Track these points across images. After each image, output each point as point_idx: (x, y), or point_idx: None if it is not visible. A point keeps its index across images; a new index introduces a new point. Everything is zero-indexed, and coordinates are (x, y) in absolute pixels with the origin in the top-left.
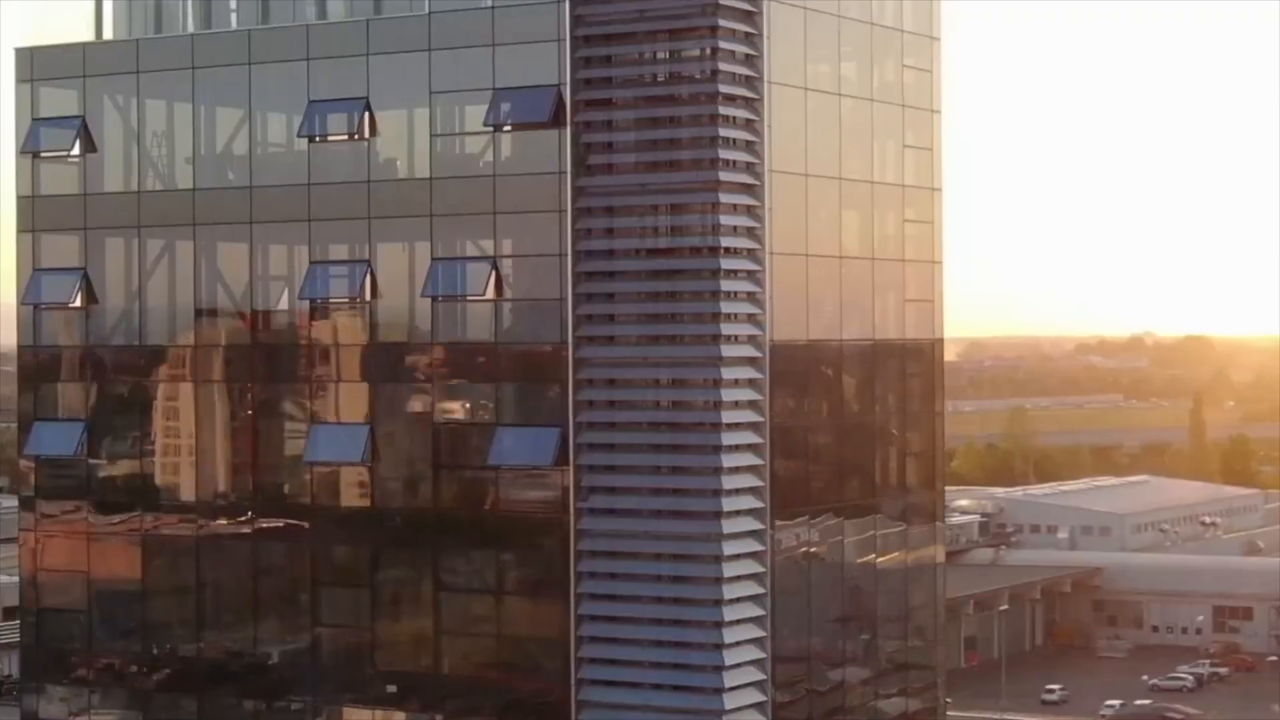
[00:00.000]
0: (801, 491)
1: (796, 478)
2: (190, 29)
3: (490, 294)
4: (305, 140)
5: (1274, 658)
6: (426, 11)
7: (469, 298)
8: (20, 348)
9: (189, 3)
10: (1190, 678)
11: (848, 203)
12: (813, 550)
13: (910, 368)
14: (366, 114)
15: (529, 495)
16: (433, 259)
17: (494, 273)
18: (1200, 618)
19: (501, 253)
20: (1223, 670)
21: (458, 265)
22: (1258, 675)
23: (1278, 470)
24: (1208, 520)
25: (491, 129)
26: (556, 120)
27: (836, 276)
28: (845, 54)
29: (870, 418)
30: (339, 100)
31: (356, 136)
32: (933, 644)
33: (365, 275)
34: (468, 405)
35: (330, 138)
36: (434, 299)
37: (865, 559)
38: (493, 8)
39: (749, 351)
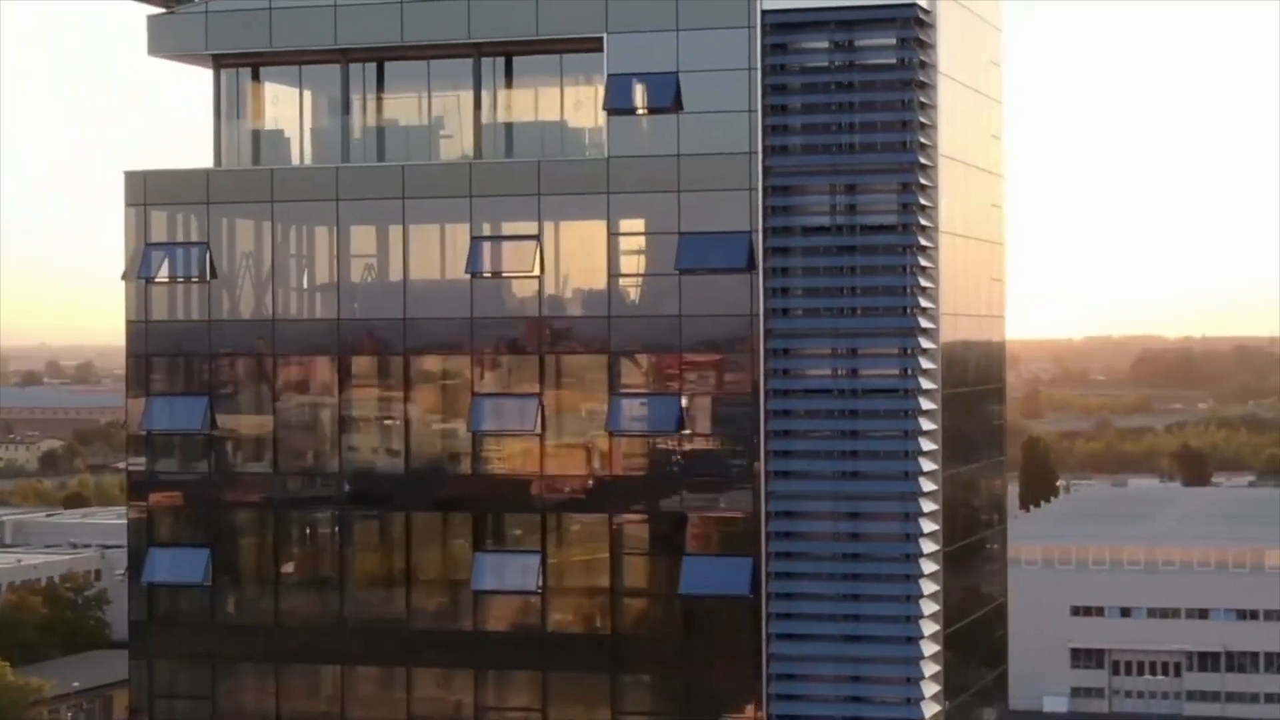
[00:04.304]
0: (959, 592)
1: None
2: (308, 160)
3: (679, 429)
4: (466, 272)
5: None
6: (605, 156)
7: (659, 433)
8: (131, 472)
9: (305, 133)
10: None
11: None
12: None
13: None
14: (537, 251)
15: (717, 622)
16: (612, 394)
17: (682, 409)
18: None
19: (688, 389)
20: None
21: (644, 400)
22: None
23: None
24: None
25: (679, 272)
26: (749, 266)
27: (973, 406)
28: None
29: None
30: (506, 237)
31: (526, 272)
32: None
33: (536, 409)
34: (649, 534)
35: (497, 273)
36: (613, 433)
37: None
38: (678, 155)
39: (929, 486)
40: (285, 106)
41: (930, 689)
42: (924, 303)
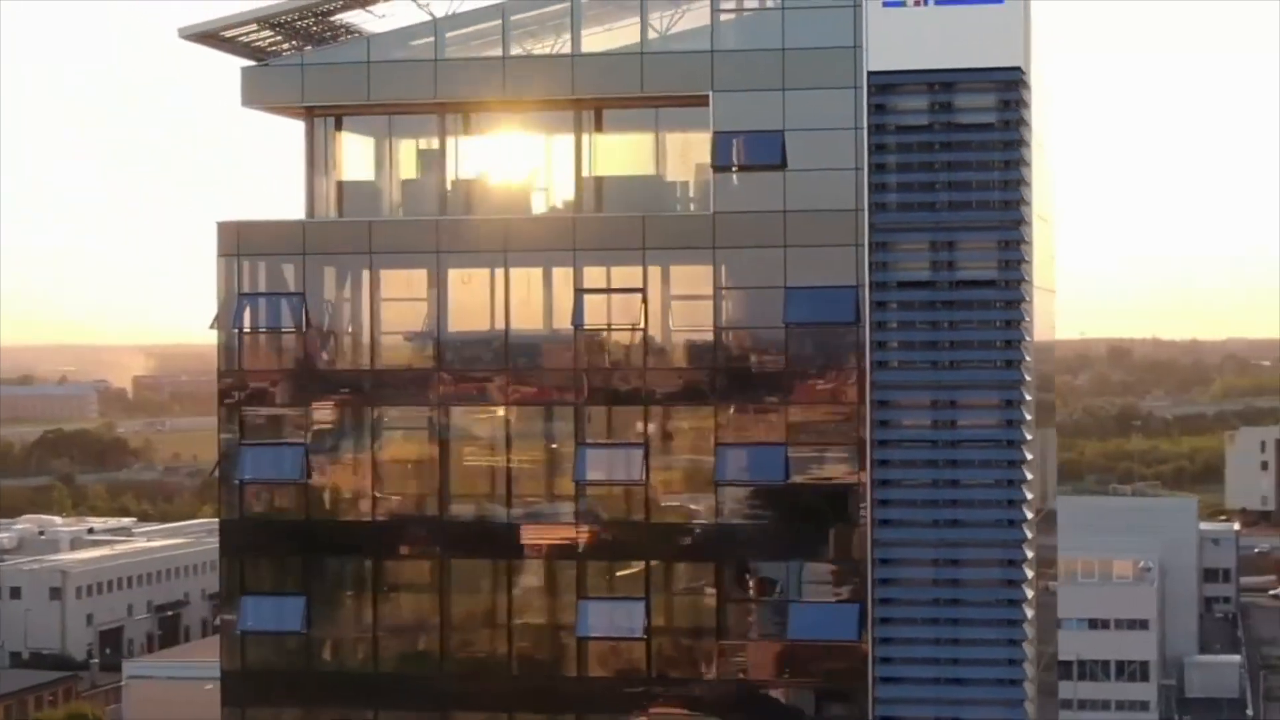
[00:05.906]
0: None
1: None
2: (400, 212)
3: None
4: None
5: None
6: (711, 211)
7: (765, 483)
8: (223, 521)
9: (393, 184)
10: None
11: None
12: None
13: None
14: (643, 304)
15: (824, 665)
16: (718, 444)
17: (787, 459)
18: None
19: (793, 439)
20: None
21: (750, 450)
22: None
23: None
24: None
25: (784, 325)
26: (856, 319)
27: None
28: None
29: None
30: (612, 290)
31: (631, 325)
32: None
33: (642, 459)
34: (755, 581)
35: (600, 326)
36: (719, 483)
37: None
38: (784, 211)
39: (1030, 534)
40: (367, 155)
41: None
42: (1024, 355)
